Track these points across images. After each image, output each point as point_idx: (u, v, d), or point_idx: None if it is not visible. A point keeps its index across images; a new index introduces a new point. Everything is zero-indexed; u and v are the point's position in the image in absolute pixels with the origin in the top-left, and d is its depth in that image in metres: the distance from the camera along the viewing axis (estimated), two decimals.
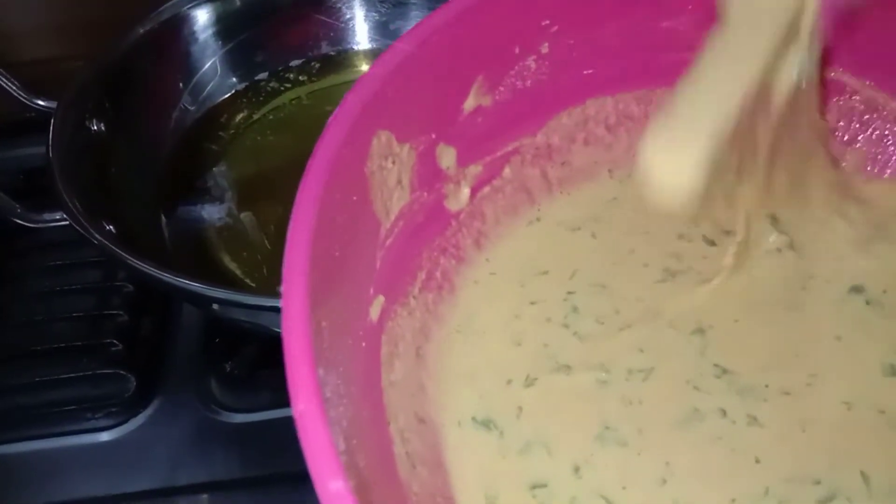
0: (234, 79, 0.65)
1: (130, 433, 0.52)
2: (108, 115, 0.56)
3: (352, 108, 0.28)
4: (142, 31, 0.59)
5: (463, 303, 0.36)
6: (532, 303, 0.37)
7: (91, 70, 0.56)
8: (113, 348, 0.55)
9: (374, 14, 0.67)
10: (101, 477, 0.50)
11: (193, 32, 0.62)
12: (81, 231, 0.45)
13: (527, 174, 0.38)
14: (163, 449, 0.51)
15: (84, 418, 0.52)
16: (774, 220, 0.37)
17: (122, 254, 0.43)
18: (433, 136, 0.33)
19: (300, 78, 0.67)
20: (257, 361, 0.54)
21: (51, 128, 0.51)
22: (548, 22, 0.34)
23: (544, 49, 0.35)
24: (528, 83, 0.35)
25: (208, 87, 0.64)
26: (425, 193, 0.33)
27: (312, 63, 0.67)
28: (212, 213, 0.60)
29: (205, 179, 0.62)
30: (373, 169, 0.29)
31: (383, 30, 0.67)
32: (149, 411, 0.53)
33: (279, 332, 0.48)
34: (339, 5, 0.66)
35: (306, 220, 0.25)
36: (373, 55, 0.68)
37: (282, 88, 0.67)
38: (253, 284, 0.54)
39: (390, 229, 0.32)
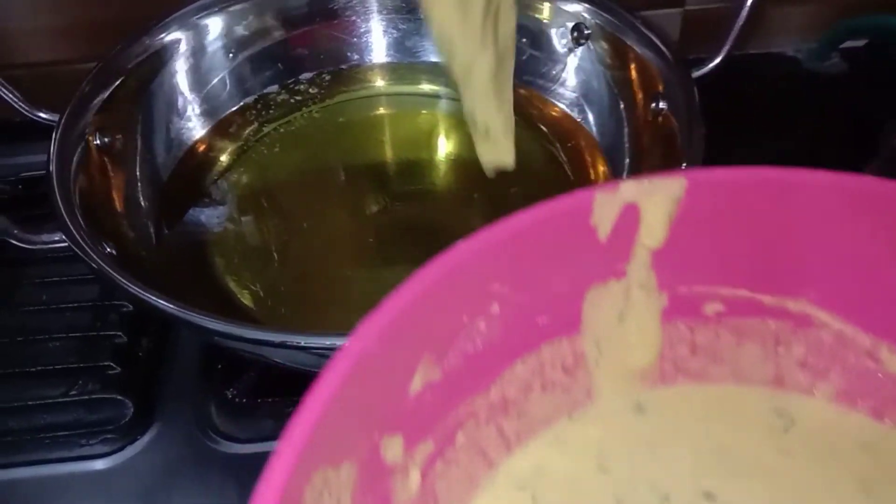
0: (243, 91, 0.63)
1: (126, 461, 0.50)
2: (111, 129, 0.54)
3: (284, 465, 0.24)
4: (148, 41, 0.57)
5: None
6: None
7: (95, 82, 0.54)
8: (110, 371, 0.53)
9: (392, 31, 0.65)
10: None
11: (203, 44, 0.60)
12: (81, 255, 0.43)
13: (482, 435, 0.34)
14: (159, 479, 0.49)
15: (78, 444, 0.50)
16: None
17: (124, 282, 0.41)
18: (375, 436, 0.29)
19: (310, 91, 0.65)
20: (260, 389, 0.52)
21: (52, 142, 0.48)
22: (498, 285, 0.32)
23: (494, 309, 0.32)
24: (479, 344, 0.32)
25: (216, 100, 0.62)
26: (369, 498, 0.29)
27: (324, 76, 0.66)
28: (215, 227, 0.58)
29: (209, 194, 0.60)
30: None
31: (398, 46, 0.65)
32: (146, 438, 0.51)
33: (283, 363, 0.47)
34: (354, 19, 0.64)
35: None
36: (387, 70, 0.66)
37: (292, 101, 0.65)
38: (252, 306, 0.53)
39: None
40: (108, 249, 0.46)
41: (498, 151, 0.50)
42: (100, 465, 0.50)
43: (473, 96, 0.48)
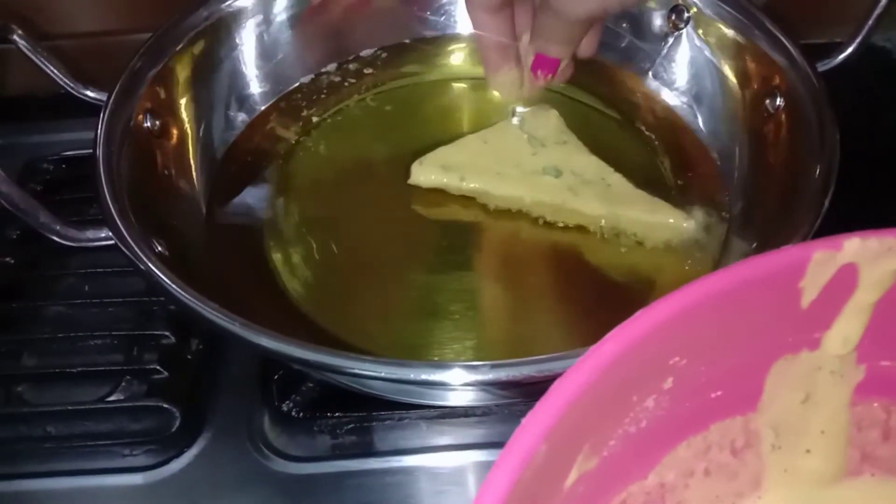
0: (306, 70, 0.58)
1: (169, 476, 0.46)
2: (163, 110, 0.50)
3: None
4: (206, 11, 0.52)
5: None
6: None
7: (147, 56, 0.49)
8: (156, 375, 0.49)
9: None
10: None
11: (269, 13, 0.55)
12: (130, 256, 0.38)
13: None
14: (204, 497, 0.45)
15: (119, 455, 0.47)
16: None
17: (182, 294, 0.37)
18: None
19: (365, 71, 0.60)
20: (319, 403, 0.48)
21: (99, 124, 0.44)
22: (677, 358, 0.27)
23: (667, 385, 0.28)
24: (644, 424, 0.28)
25: (280, 77, 0.57)
26: None
27: (386, 54, 0.60)
28: (268, 213, 0.53)
29: (264, 178, 0.55)
30: None
31: None
32: (192, 452, 0.47)
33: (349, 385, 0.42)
34: None
35: None
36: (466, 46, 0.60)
37: (355, 81, 0.59)
38: (300, 299, 0.48)
39: None
40: (158, 248, 0.42)
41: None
42: (140, 479, 0.46)
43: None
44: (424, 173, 0.53)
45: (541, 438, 0.23)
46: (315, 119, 0.57)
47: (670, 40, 0.56)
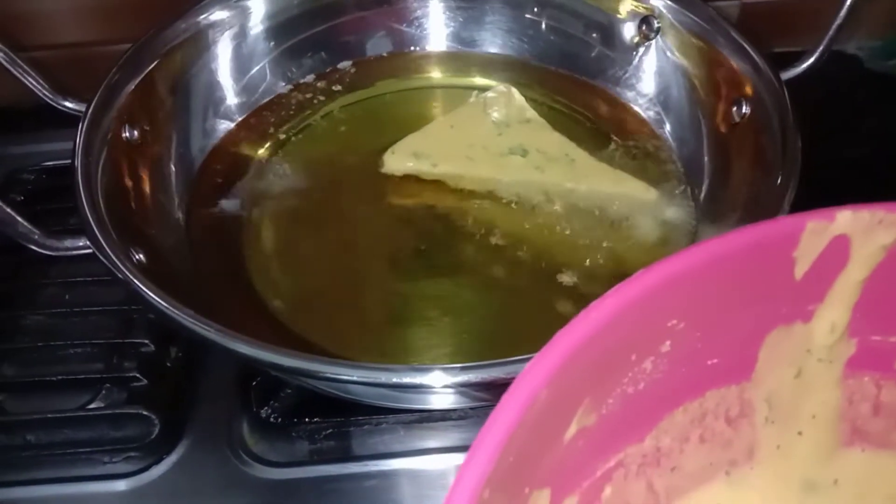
0: (282, 81, 0.59)
1: (150, 482, 0.47)
2: (142, 121, 0.50)
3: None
4: (184, 24, 0.53)
5: None
6: None
7: (126, 68, 0.50)
8: (135, 383, 0.49)
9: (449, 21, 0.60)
10: None
11: (245, 27, 0.56)
12: (107, 264, 0.39)
13: (630, 490, 0.31)
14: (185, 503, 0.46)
15: (100, 462, 0.47)
16: None
17: (161, 303, 0.38)
18: (526, 490, 0.26)
19: (339, 83, 0.61)
20: (298, 409, 0.48)
21: (78, 135, 0.44)
22: (675, 321, 0.28)
23: (665, 348, 0.29)
24: (641, 386, 0.29)
25: (255, 89, 0.58)
26: None
27: (361, 65, 0.61)
28: (246, 223, 0.53)
29: (241, 188, 0.55)
30: None
31: (455, 36, 0.61)
32: (172, 458, 0.47)
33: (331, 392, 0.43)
34: (410, 3, 0.59)
35: None
36: (442, 60, 0.61)
37: (331, 93, 0.60)
38: (280, 309, 0.49)
39: None
40: (137, 256, 0.42)
41: None
42: (122, 485, 0.46)
43: None
44: (397, 162, 0.55)
45: (543, 382, 0.24)
46: (291, 129, 0.58)
47: (641, 50, 0.57)
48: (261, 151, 0.57)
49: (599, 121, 0.59)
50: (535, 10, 0.60)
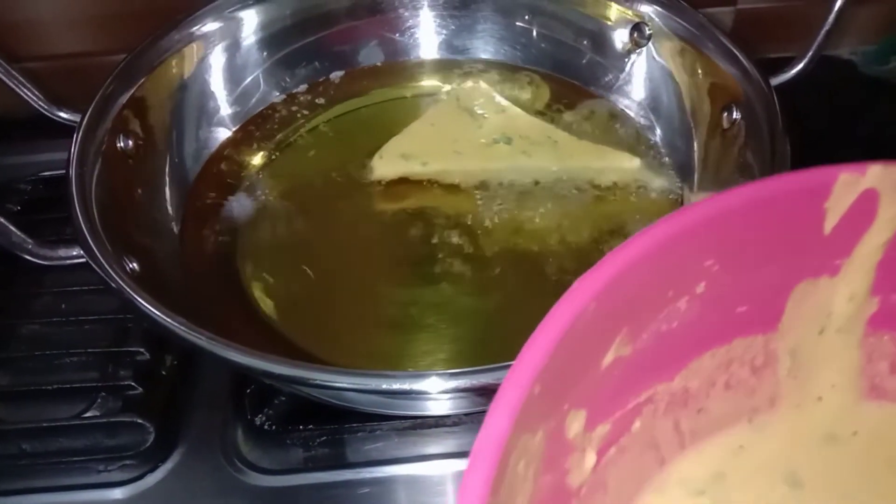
0: (275, 91, 0.59)
1: (145, 490, 0.47)
2: (136, 131, 0.50)
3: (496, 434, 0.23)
4: (178, 35, 0.53)
5: None
6: None
7: (120, 78, 0.50)
8: (130, 391, 0.49)
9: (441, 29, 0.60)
10: None
11: (238, 38, 0.56)
12: (101, 273, 0.39)
13: (658, 427, 0.33)
14: None
15: (95, 471, 0.47)
16: None
17: (153, 311, 0.38)
18: (566, 406, 0.28)
19: (340, 90, 0.61)
20: (292, 416, 0.48)
21: (72, 146, 0.45)
22: (711, 262, 0.29)
23: (700, 289, 0.30)
24: (674, 325, 0.30)
25: (249, 99, 0.58)
26: (548, 476, 0.28)
27: (354, 75, 0.61)
28: (241, 232, 0.54)
29: (236, 198, 0.55)
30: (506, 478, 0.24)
31: (447, 45, 0.61)
32: (167, 466, 0.48)
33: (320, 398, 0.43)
34: (401, 12, 0.59)
35: None
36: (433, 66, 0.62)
37: (324, 102, 0.61)
38: (275, 316, 0.49)
39: None
40: (131, 265, 0.42)
41: None
42: (118, 493, 0.46)
43: None
44: (386, 165, 0.56)
45: (590, 297, 0.25)
46: (285, 138, 0.59)
47: (633, 57, 0.57)
48: (255, 160, 0.57)
49: None
50: (527, 17, 0.60)
